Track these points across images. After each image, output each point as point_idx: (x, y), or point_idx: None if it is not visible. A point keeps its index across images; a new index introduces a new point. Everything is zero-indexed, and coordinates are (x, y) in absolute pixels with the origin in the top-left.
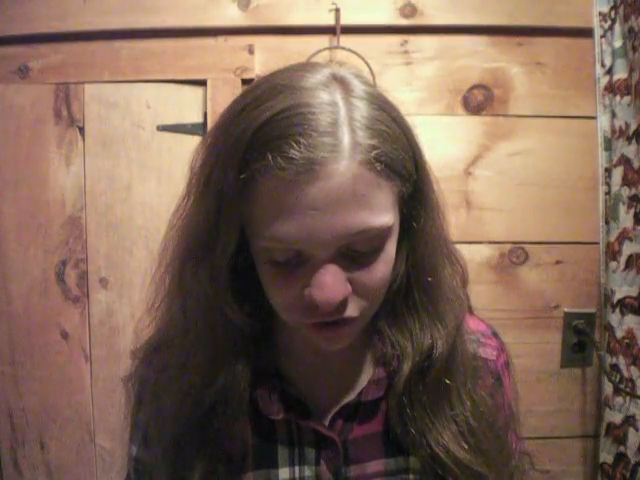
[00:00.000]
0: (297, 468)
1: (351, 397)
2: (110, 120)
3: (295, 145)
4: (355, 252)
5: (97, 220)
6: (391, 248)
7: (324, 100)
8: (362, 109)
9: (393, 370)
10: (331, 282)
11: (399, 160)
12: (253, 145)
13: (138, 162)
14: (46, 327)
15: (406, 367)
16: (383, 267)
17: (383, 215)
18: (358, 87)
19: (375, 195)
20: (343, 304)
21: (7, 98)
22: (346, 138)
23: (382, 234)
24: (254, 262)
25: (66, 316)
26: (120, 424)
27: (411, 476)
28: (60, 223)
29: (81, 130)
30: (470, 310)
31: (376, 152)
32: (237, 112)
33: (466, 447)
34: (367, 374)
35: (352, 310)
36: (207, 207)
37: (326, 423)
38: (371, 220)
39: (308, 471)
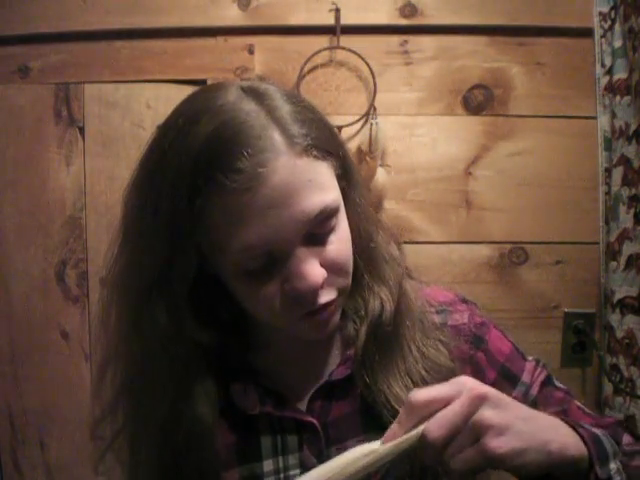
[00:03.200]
0: (281, 458)
1: (323, 379)
2: (110, 120)
3: (238, 157)
4: (317, 235)
5: (97, 220)
6: (345, 223)
7: (244, 109)
8: (281, 107)
9: (355, 341)
10: (309, 269)
11: (328, 140)
12: (198, 170)
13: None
14: (46, 327)
15: (362, 331)
16: (345, 242)
17: (332, 192)
18: (270, 90)
19: (319, 177)
20: (322, 288)
21: (7, 98)
22: (277, 136)
23: (336, 210)
24: (215, 278)
25: (66, 316)
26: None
27: None
28: (60, 223)
29: (81, 130)
30: (408, 271)
31: (309, 139)
32: (165, 148)
33: None
34: (337, 355)
35: (331, 292)
36: (157, 243)
37: (304, 408)
38: (325, 199)
39: (292, 459)
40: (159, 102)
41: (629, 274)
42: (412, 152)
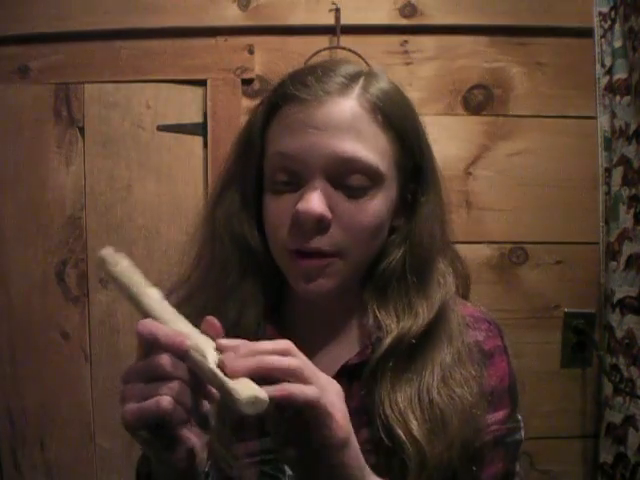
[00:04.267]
0: None
1: (337, 368)
2: (110, 120)
3: (313, 78)
4: (344, 187)
5: (97, 220)
6: (379, 202)
7: (348, 66)
8: (378, 84)
9: (374, 346)
10: (314, 197)
11: (401, 122)
12: (283, 84)
13: (138, 162)
14: (46, 327)
15: (385, 342)
16: (367, 216)
17: (374, 155)
18: (381, 75)
19: (371, 137)
20: (321, 230)
21: (7, 98)
22: (357, 87)
23: (371, 174)
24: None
25: (66, 316)
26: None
27: None
28: (60, 223)
29: (81, 130)
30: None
31: (380, 105)
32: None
33: (419, 418)
34: (354, 347)
35: (329, 243)
36: (238, 144)
37: None
38: (361, 153)
39: None
40: (159, 102)
41: (629, 274)
42: None
